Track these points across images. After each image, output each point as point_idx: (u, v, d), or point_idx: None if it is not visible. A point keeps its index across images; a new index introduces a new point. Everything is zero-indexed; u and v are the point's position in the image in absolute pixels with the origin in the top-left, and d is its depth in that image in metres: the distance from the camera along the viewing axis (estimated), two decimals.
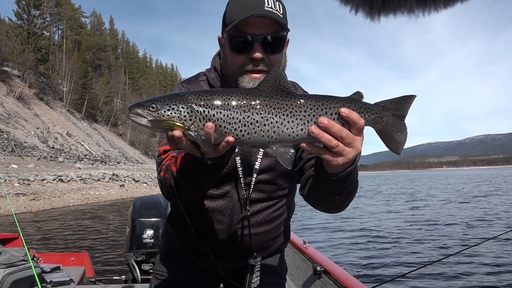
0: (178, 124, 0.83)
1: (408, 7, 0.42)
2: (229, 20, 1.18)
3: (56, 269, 3.37)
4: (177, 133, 0.83)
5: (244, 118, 0.83)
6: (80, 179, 25.96)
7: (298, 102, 0.85)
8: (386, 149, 0.95)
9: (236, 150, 1.28)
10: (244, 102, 0.84)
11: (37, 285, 2.35)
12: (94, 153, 48.14)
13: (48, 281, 3.10)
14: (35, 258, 3.19)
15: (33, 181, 21.77)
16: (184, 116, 0.83)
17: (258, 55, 1.16)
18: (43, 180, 22.63)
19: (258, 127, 0.83)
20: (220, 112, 0.83)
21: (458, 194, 26.55)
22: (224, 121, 0.83)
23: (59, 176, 24.29)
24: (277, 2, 1.17)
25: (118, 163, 47.74)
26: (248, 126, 0.83)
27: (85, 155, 44.54)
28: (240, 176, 1.28)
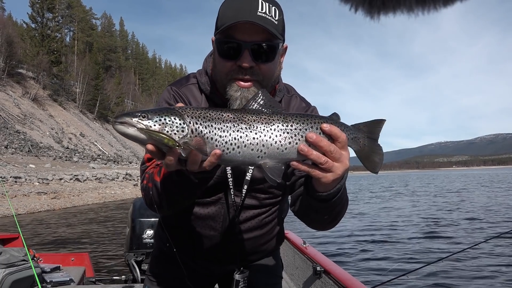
0: (168, 138, 0.80)
1: (408, 6, 0.42)
2: (220, 23, 1.10)
3: (56, 269, 3.40)
4: (170, 154, 0.81)
5: (234, 132, 0.84)
6: (96, 179, 26.67)
7: (284, 118, 0.88)
8: (395, 148, 0.90)
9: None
10: (234, 117, 0.86)
11: (37, 285, 2.36)
12: (107, 153, 48.92)
13: (48, 281, 3.12)
14: (35, 258, 3.22)
15: (52, 180, 22.43)
16: (177, 127, 0.81)
17: (246, 64, 1.09)
18: (60, 179, 23.34)
19: (248, 140, 0.85)
20: (211, 125, 0.84)
21: (461, 193, 25.98)
22: (215, 133, 0.83)
23: (75, 175, 25.00)
24: (273, 7, 1.09)
25: (130, 163, 48.37)
26: (238, 139, 0.84)
27: (98, 155, 45.31)
28: (230, 187, 1.25)
